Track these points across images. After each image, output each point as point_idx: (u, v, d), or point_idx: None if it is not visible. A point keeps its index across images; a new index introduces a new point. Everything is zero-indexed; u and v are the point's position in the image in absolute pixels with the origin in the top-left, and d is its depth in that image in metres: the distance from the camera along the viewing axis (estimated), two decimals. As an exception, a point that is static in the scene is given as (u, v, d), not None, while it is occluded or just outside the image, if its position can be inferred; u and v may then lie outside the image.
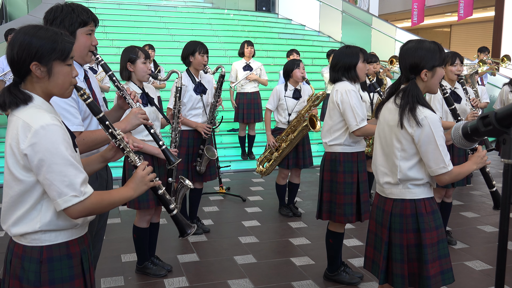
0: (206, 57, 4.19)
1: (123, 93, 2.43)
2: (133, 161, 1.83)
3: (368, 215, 3.37)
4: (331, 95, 3.27)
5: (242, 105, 7.04)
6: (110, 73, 2.52)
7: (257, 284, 3.47)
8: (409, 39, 2.41)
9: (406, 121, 2.22)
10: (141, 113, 2.31)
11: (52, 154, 1.55)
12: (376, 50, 10.48)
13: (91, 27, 2.33)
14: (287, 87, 4.77)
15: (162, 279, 3.53)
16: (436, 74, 2.31)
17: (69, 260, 1.70)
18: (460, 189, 6.05)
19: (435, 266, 2.29)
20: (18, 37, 1.62)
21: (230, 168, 6.96)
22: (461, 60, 3.94)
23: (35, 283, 1.64)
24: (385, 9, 16.99)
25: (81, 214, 1.62)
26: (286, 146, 4.66)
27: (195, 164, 4.26)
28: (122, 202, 1.75)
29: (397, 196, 2.33)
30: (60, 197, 1.57)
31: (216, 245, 4.21)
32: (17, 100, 1.60)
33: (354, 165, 3.28)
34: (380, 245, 2.40)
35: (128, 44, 3.77)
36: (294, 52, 7.22)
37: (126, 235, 4.29)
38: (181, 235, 1.99)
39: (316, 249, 4.10)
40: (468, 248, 4.17)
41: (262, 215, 5.08)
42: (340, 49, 3.29)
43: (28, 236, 1.65)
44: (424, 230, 2.27)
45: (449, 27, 19.71)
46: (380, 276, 2.38)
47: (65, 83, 1.69)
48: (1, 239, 4.27)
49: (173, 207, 1.91)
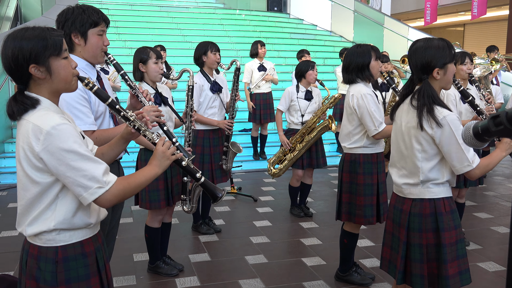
0: (219, 55, 4.22)
1: (136, 92, 2.44)
2: (150, 139, 1.83)
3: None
4: (346, 100, 3.24)
5: (258, 106, 7.07)
6: (123, 72, 2.54)
7: (268, 284, 3.47)
8: (416, 39, 2.39)
9: (426, 122, 2.20)
10: (153, 110, 2.30)
11: (68, 152, 1.57)
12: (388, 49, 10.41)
13: (102, 27, 2.35)
14: (299, 88, 4.77)
15: (174, 278, 3.55)
16: (448, 70, 2.29)
17: (84, 259, 1.72)
18: (473, 190, 6.00)
19: (454, 266, 2.27)
20: (8, 45, 1.62)
21: (242, 168, 6.98)
22: (470, 59, 3.91)
23: (52, 283, 1.66)
24: (397, 9, 16.88)
25: (112, 202, 1.65)
26: (302, 147, 4.66)
27: (221, 163, 4.28)
28: (149, 181, 1.75)
29: (416, 196, 2.31)
30: (86, 191, 1.60)
31: (227, 245, 4.23)
32: (25, 106, 1.61)
33: (374, 166, 3.26)
34: (397, 245, 2.39)
35: (140, 45, 3.80)
36: (305, 53, 7.21)
37: (138, 235, 4.32)
38: (213, 200, 1.97)
39: (327, 250, 4.09)
40: (481, 249, 4.13)
41: (274, 215, 5.08)
42: (351, 49, 3.25)
43: (43, 237, 1.67)
44: (443, 229, 2.25)
45: (462, 26, 19.53)
46: (397, 276, 2.36)
47: (67, 77, 1.69)
48: (15, 238, 4.33)
49: (200, 176, 1.89)
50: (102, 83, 2.47)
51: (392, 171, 2.46)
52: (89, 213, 1.72)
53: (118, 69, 2.54)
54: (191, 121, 3.65)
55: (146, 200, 3.40)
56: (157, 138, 1.83)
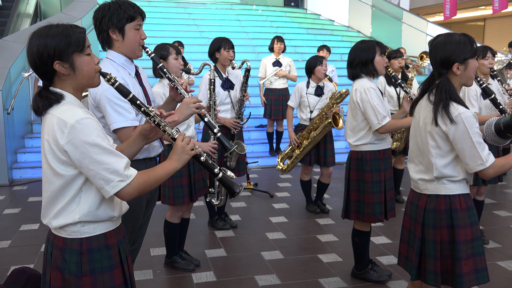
0: (232, 52, 4.21)
1: (175, 84, 2.41)
2: (170, 134, 1.85)
3: (394, 213, 3.34)
4: (350, 95, 3.24)
5: (270, 101, 7.03)
6: (161, 65, 2.50)
7: (284, 280, 3.47)
8: (437, 34, 2.36)
9: (440, 118, 2.18)
10: (193, 102, 2.29)
11: (91, 145, 1.61)
12: (406, 45, 10.31)
13: (138, 21, 2.35)
14: (309, 84, 4.75)
15: (190, 273, 3.57)
16: (469, 66, 2.25)
17: (107, 251, 1.75)
18: (492, 187, 5.91)
19: (469, 264, 2.24)
20: (33, 42, 1.66)
21: (258, 164, 6.98)
22: (492, 53, 3.84)
23: (77, 274, 1.70)
24: (416, 3, 16.66)
25: (132, 195, 1.69)
26: (308, 143, 4.64)
27: (225, 160, 4.29)
28: (168, 175, 1.78)
29: (431, 192, 2.30)
30: (107, 184, 1.64)
31: (243, 241, 4.24)
32: (50, 101, 1.66)
33: (381, 162, 3.23)
34: (413, 241, 2.38)
35: (158, 41, 3.82)
36: (325, 49, 7.15)
37: (155, 229, 4.35)
38: (231, 195, 1.98)
39: (343, 246, 4.07)
40: (501, 247, 4.07)
41: (290, 211, 5.08)
42: (355, 45, 3.24)
43: (68, 229, 1.71)
44: (458, 226, 2.23)
45: (483, 21, 19.19)
46: (412, 272, 2.35)
47: (90, 72, 1.73)
48: (35, 231, 4.40)
49: (218, 171, 1.91)
50: (140, 78, 2.47)
51: (410, 166, 2.44)
52: (112, 206, 1.77)
53: (156, 62, 2.52)
54: (215, 114, 3.64)
55: (170, 196, 3.42)
56: (177, 134, 1.85)
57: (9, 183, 6.09)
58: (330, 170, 4.88)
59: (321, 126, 4.57)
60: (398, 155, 5.24)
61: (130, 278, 1.86)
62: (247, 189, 5.84)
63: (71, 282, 1.70)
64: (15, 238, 4.26)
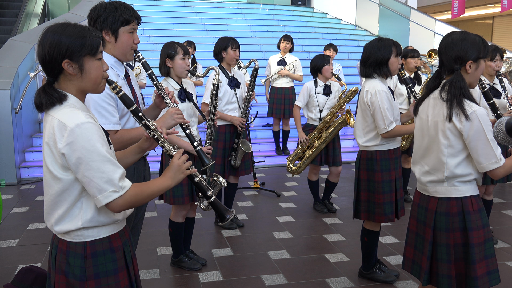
0: (238, 51, 4.21)
1: (161, 92, 2.43)
2: (168, 150, 1.84)
3: (403, 212, 3.31)
4: (361, 95, 3.20)
5: (273, 100, 7.00)
6: (150, 72, 2.52)
7: (290, 279, 3.46)
8: (450, 31, 2.34)
9: (455, 115, 2.15)
10: (177, 113, 2.30)
11: (89, 151, 1.58)
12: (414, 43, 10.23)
13: (133, 25, 2.35)
14: (317, 83, 4.72)
15: (197, 272, 3.57)
16: (480, 66, 2.24)
17: (112, 254, 1.74)
18: (501, 186, 5.86)
19: (482, 266, 2.21)
20: (47, 37, 1.64)
21: (265, 163, 6.97)
22: (501, 56, 3.81)
23: (81, 278, 1.69)
24: (424, 1, 16.54)
25: (123, 207, 1.66)
26: (321, 143, 4.61)
27: (230, 158, 4.28)
28: (161, 192, 1.77)
29: (442, 195, 2.26)
30: (100, 193, 1.60)
31: (250, 240, 4.23)
32: (53, 99, 1.63)
33: (392, 162, 3.21)
34: (422, 245, 2.34)
35: (164, 40, 3.81)
36: (331, 48, 7.11)
37: (162, 229, 4.36)
38: (220, 220, 1.99)
39: (351, 246, 4.05)
40: (510, 247, 4.03)
41: (297, 210, 5.06)
42: (371, 42, 3.17)
43: (72, 233, 1.69)
44: (471, 228, 2.20)
45: (491, 19, 19.03)
46: (423, 277, 2.31)
47: (97, 78, 1.71)
48: (43, 230, 4.42)
49: (211, 194, 1.91)
50: (129, 80, 2.48)
51: (415, 168, 2.40)
52: None
53: (146, 68, 2.53)
54: (214, 120, 3.65)
55: (170, 195, 3.42)
56: (175, 151, 1.83)
57: (17, 182, 6.12)
58: (339, 169, 4.86)
59: (333, 125, 4.55)
60: (403, 155, 5.20)
61: (136, 280, 1.85)
62: (254, 188, 5.84)
63: (75, 286, 1.69)
64: (23, 237, 4.29)
